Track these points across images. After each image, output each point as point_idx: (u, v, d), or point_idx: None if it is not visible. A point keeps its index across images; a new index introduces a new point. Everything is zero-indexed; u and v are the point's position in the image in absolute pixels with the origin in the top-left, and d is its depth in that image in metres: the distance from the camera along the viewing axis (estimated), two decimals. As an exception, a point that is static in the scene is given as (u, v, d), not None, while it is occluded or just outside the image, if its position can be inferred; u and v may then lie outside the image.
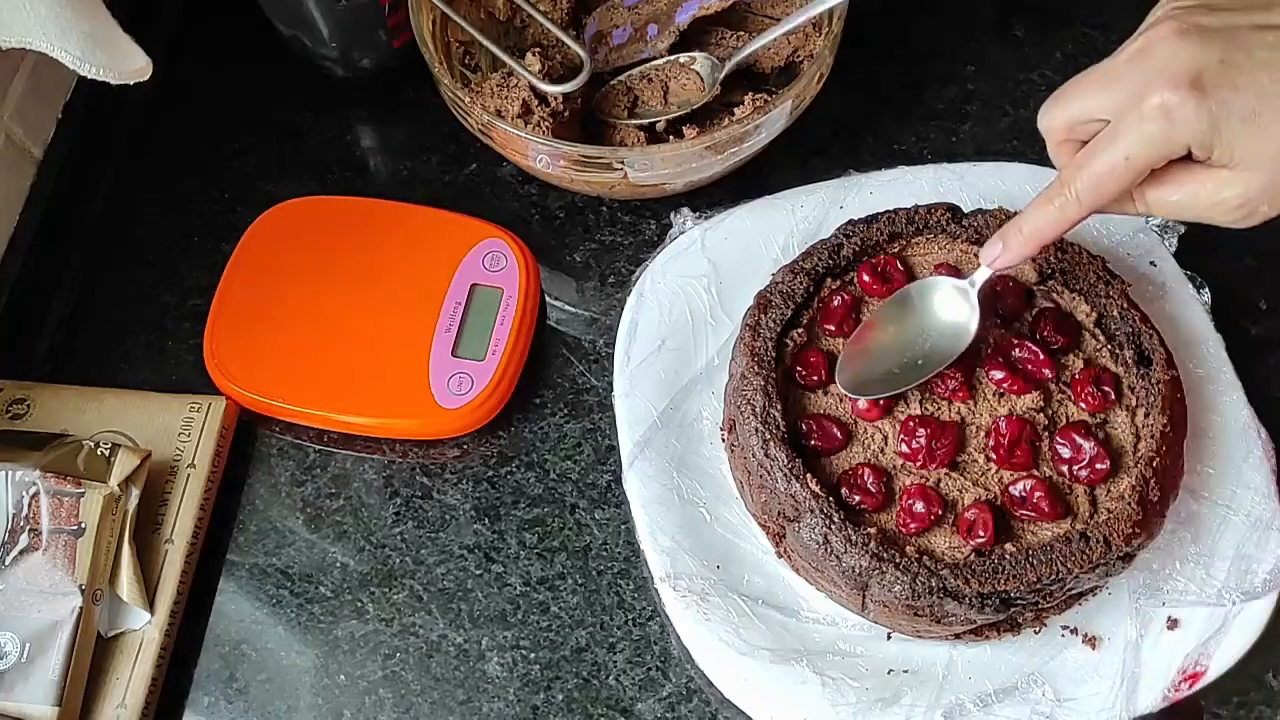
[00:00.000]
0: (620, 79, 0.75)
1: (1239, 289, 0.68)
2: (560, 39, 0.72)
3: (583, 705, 0.59)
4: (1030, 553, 0.53)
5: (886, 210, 0.62)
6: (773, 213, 0.67)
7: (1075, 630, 0.57)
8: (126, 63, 0.54)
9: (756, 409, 0.56)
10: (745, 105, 0.70)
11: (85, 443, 0.59)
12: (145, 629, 0.58)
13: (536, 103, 0.69)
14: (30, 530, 0.56)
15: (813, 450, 0.57)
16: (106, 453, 0.59)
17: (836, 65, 0.69)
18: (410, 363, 0.65)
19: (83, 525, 0.56)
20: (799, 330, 0.60)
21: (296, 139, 0.77)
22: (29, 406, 0.64)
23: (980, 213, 0.62)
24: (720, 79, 0.72)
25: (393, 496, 0.64)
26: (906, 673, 0.56)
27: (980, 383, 0.58)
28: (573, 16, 0.76)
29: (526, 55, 0.70)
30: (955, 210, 0.62)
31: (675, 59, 0.75)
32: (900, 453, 0.56)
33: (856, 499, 0.55)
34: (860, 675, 0.56)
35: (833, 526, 0.53)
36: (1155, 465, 0.54)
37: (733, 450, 0.60)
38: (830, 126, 0.75)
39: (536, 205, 0.74)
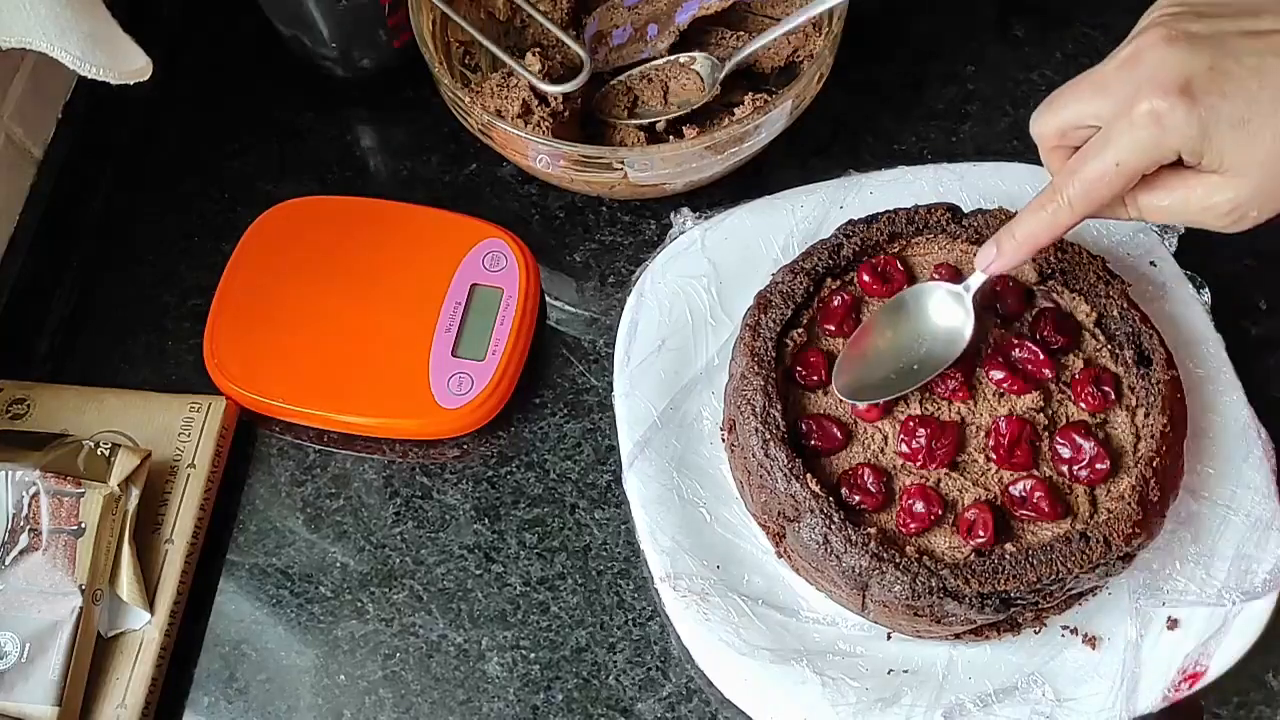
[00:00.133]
0: (620, 79, 0.75)
1: (1239, 289, 0.68)
2: (560, 39, 0.72)
3: (583, 705, 0.59)
4: (1030, 553, 0.53)
5: (886, 210, 0.62)
6: (773, 213, 0.67)
7: (1075, 630, 0.57)
8: (126, 63, 0.54)
9: (756, 409, 0.56)
10: (745, 105, 0.70)
11: (85, 443, 0.59)
12: (145, 629, 0.58)
13: (536, 103, 0.69)
14: (30, 530, 0.56)
15: (813, 450, 0.57)
16: (106, 453, 0.59)
17: (836, 65, 0.69)
18: (410, 363, 0.65)
19: (83, 525, 0.56)
20: (799, 330, 0.60)
21: (296, 139, 0.77)
22: (29, 406, 0.64)
23: (980, 213, 0.62)
24: (720, 79, 0.72)
25: (393, 496, 0.64)
26: (906, 673, 0.56)
27: (980, 383, 0.58)
28: (573, 16, 0.76)
29: (526, 55, 0.70)
30: (955, 210, 0.62)
31: (675, 59, 0.75)
32: (900, 453, 0.56)
33: (856, 499, 0.55)
34: (860, 675, 0.56)
35: (833, 526, 0.53)
36: (1155, 465, 0.54)
37: (733, 450, 0.60)
38: (830, 126, 0.75)
39: (536, 205, 0.74)
